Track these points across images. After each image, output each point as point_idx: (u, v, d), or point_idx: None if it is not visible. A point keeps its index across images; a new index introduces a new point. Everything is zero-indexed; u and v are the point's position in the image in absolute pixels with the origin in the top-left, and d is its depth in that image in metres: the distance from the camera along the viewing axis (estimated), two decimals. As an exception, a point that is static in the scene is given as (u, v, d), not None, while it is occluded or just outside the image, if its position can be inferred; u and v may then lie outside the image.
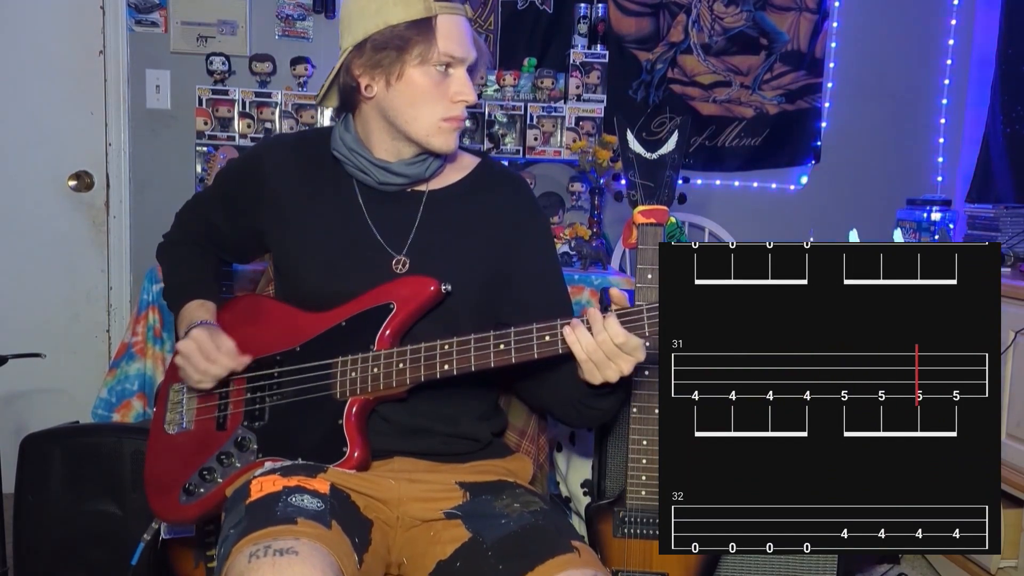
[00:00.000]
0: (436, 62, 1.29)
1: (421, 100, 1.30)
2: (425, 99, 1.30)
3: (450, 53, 1.29)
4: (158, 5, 2.92)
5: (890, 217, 3.04)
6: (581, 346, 1.17)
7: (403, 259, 1.36)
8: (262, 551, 1.07)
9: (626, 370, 1.18)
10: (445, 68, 1.30)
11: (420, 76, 1.29)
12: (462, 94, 1.31)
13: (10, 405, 2.89)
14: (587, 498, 1.97)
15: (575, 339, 1.17)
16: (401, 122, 1.32)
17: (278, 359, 1.37)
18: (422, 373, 1.26)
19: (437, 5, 1.28)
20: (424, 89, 1.30)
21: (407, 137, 1.34)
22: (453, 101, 1.31)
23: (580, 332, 1.17)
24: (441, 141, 1.33)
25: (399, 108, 1.32)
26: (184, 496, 1.38)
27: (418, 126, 1.32)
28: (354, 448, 1.29)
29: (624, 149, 1.53)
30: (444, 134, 1.33)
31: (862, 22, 3.26)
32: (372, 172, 1.36)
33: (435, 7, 1.28)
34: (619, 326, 1.15)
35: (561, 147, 2.91)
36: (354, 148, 1.37)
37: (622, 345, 1.16)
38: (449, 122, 1.32)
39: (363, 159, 1.36)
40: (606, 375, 1.19)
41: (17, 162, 2.89)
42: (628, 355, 1.17)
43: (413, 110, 1.31)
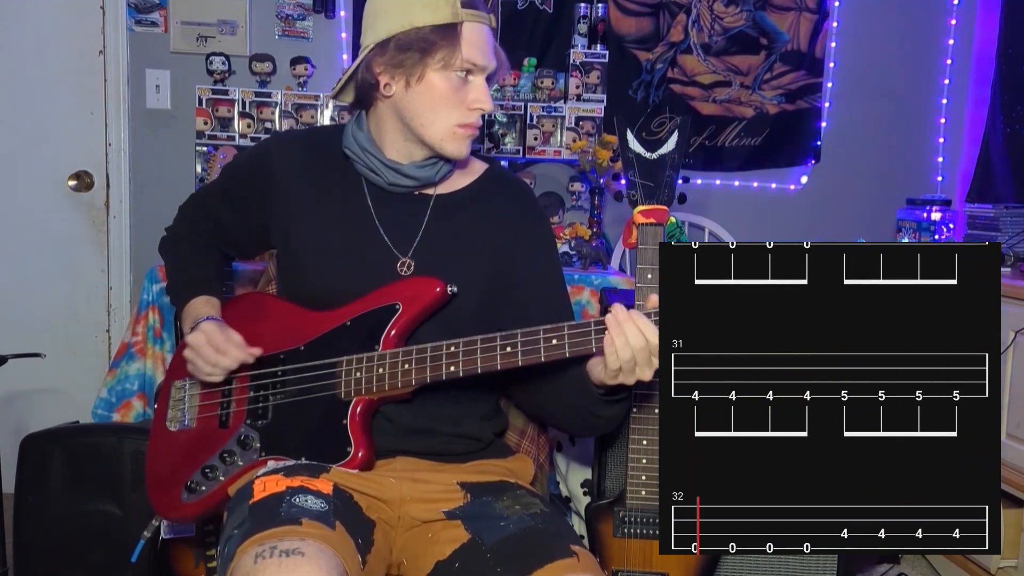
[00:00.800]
0: (458, 68, 1.29)
1: (439, 104, 1.31)
2: (443, 104, 1.31)
3: (472, 60, 1.29)
4: (158, 5, 2.92)
5: (890, 217, 3.05)
6: (627, 339, 1.13)
7: (408, 261, 1.36)
8: (268, 552, 1.07)
9: (647, 376, 1.17)
10: (465, 75, 1.31)
11: (440, 80, 1.30)
12: (479, 102, 1.32)
13: (10, 405, 2.89)
14: (587, 498, 1.97)
15: (621, 331, 1.14)
16: (416, 124, 1.33)
17: (282, 357, 1.37)
18: (428, 374, 1.26)
19: (464, 12, 1.28)
20: (443, 94, 1.30)
21: (420, 140, 1.34)
22: (470, 108, 1.32)
23: (628, 326, 1.14)
24: (454, 146, 1.34)
25: (416, 110, 1.32)
26: (186, 493, 1.38)
27: (433, 130, 1.32)
28: (358, 448, 1.29)
29: (624, 149, 1.53)
30: (458, 140, 1.33)
31: (862, 22, 3.26)
32: (383, 172, 1.36)
33: (462, 14, 1.28)
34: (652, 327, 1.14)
35: (561, 147, 2.92)
36: (366, 147, 1.37)
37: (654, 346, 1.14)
38: (464, 128, 1.33)
39: (374, 159, 1.36)
40: (630, 380, 1.18)
41: (17, 162, 2.89)
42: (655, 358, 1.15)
43: (430, 113, 1.31)
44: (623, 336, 1.14)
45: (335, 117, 2.84)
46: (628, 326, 1.14)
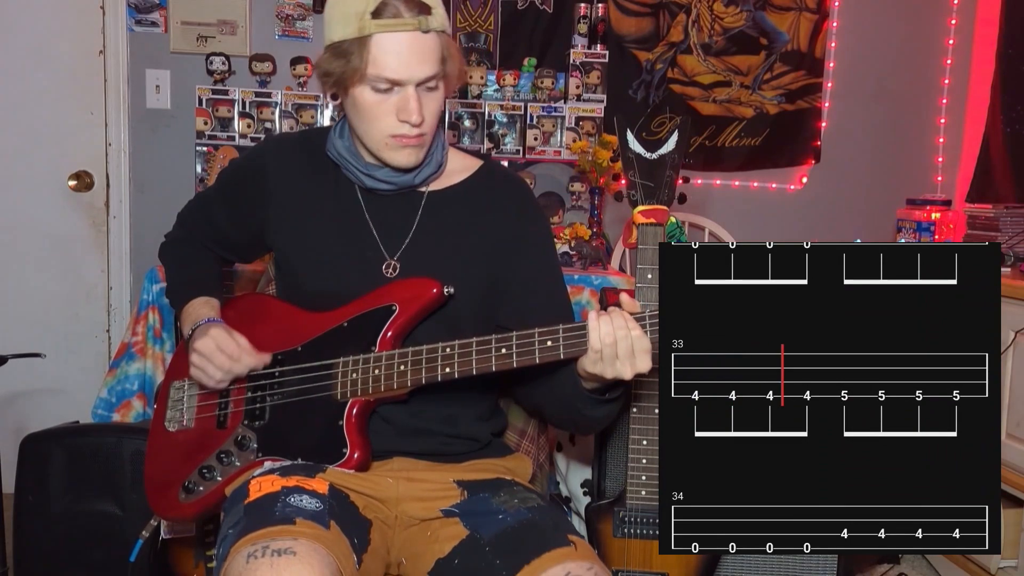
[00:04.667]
0: (372, 82, 1.24)
1: (367, 117, 1.27)
2: (370, 116, 1.27)
3: (381, 75, 1.23)
4: (158, 5, 2.92)
5: (890, 217, 3.05)
6: (599, 334, 1.14)
7: (394, 263, 1.36)
8: (260, 551, 1.07)
9: (627, 374, 1.16)
10: (391, 86, 1.25)
11: (362, 93, 1.26)
12: (405, 112, 1.25)
13: (10, 405, 2.89)
14: (587, 498, 1.97)
15: (596, 325, 1.15)
16: (359, 134, 1.32)
17: (279, 358, 1.37)
18: (423, 376, 1.26)
19: (375, 23, 1.20)
20: (368, 106, 1.26)
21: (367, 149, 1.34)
22: (399, 120, 1.26)
23: (604, 320, 1.15)
24: (394, 157, 1.30)
25: (354, 121, 1.31)
26: (183, 494, 1.38)
27: (369, 140, 1.30)
28: (354, 449, 1.29)
29: (624, 149, 1.52)
30: (395, 151, 1.29)
31: (862, 22, 3.26)
32: (361, 178, 1.36)
33: (372, 26, 1.20)
34: (637, 324, 1.15)
35: (561, 147, 2.92)
36: (342, 153, 1.37)
37: (636, 339, 1.14)
38: (397, 139, 1.28)
39: (351, 164, 1.36)
40: (609, 372, 1.17)
41: (17, 162, 2.89)
42: (635, 357, 1.15)
43: (364, 125, 1.29)
44: (609, 324, 1.15)
45: (335, 117, 2.84)
46: (616, 315, 1.15)
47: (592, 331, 1.15)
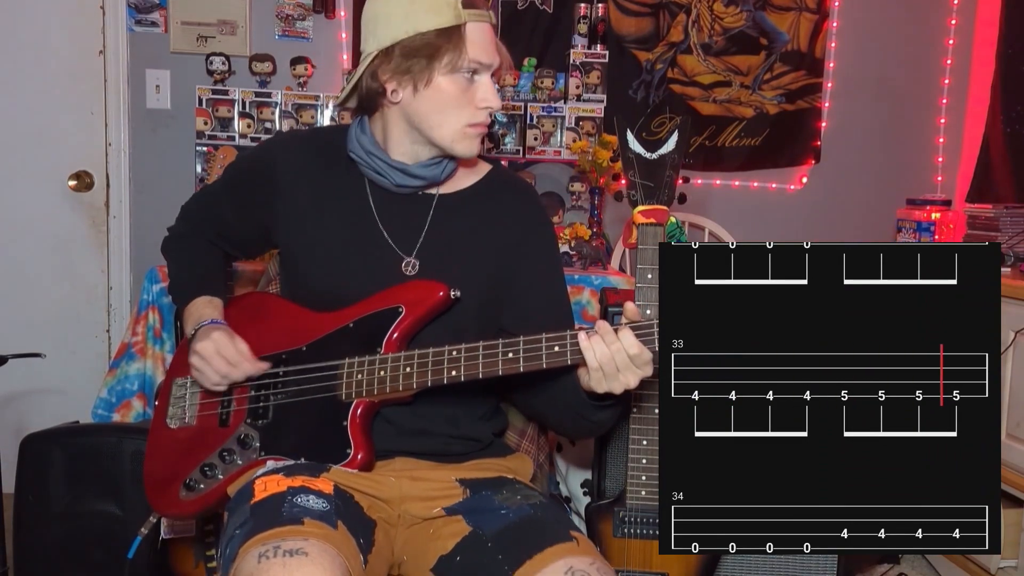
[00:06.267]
0: (464, 69, 1.30)
1: (448, 107, 1.31)
2: (452, 106, 1.31)
3: (478, 60, 1.30)
4: (158, 5, 2.92)
5: (890, 217, 3.05)
6: (595, 353, 1.16)
7: (413, 261, 1.36)
8: (271, 551, 1.07)
9: (632, 383, 1.17)
10: (471, 75, 1.31)
11: (448, 83, 1.30)
12: (487, 100, 1.32)
13: (10, 405, 2.89)
14: (587, 498, 1.97)
15: (589, 346, 1.16)
16: (426, 127, 1.33)
17: (284, 358, 1.37)
18: (429, 378, 1.25)
19: (466, 13, 1.28)
20: (451, 96, 1.31)
21: (430, 142, 1.35)
22: (479, 107, 1.32)
23: (595, 340, 1.16)
24: (465, 146, 1.34)
25: (425, 114, 1.32)
26: (184, 491, 1.38)
27: (443, 132, 1.33)
28: (358, 450, 1.29)
29: (624, 149, 1.52)
30: (468, 139, 1.34)
31: (862, 22, 3.26)
32: (389, 174, 1.36)
33: (464, 15, 1.28)
34: (633, 337, 1.15)
35: (561, 147, 2.91)
36: (371, 150, 1.37)
37: (635, 357, 1.15)
38: (474, 128, 1.33)
39: (380, 161, 1.36)
40: (612, 386, 1.18)
41: (17, 162, 2.89)
42: (638, 369, 1.16)
43: (440, 116, 1.32)
44: (601, 343, 1.16)
45: (335, 117, 2.84)
46: (605, 332, 1.16)
47: (586, 351, 1.16)
